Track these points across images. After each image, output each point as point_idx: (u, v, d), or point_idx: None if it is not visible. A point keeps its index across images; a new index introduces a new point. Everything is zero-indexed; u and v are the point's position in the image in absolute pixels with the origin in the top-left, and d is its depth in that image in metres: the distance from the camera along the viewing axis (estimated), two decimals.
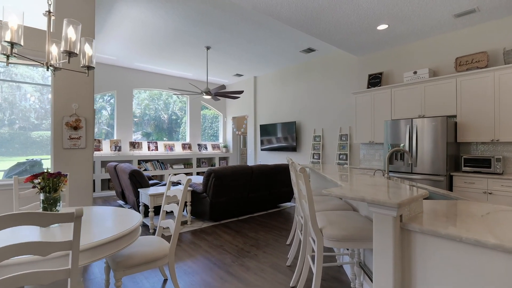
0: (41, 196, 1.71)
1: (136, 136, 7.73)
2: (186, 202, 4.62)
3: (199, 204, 4.29)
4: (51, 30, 3.15)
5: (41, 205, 1.70)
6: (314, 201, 2.02)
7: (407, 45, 4.88)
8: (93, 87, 3.19)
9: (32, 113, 5.85)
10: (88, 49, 2.00)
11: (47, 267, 1.25)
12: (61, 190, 1.77)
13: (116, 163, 5.15)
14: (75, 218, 1.13)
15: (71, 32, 1.75)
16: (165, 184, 4.66)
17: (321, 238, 1.70)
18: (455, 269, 1.14)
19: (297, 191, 2.26)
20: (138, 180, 4.25)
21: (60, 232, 1.55)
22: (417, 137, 4.10)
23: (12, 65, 5.89)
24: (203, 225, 4.09)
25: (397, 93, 4.70)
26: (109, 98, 7.20)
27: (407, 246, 1.31)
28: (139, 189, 4.14)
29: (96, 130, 7.04)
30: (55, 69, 2.00)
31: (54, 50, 2.11)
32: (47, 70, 1.84)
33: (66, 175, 1.76)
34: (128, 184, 4.38)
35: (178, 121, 8.55)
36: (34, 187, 1.72)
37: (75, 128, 3.04)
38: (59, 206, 1.76)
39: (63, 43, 1.73)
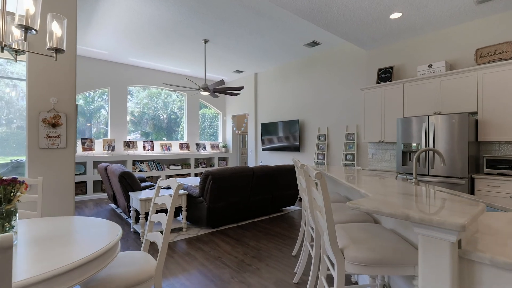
0: None
1: (135, 136, 7.38)
2: (181, 207, 4.27)
3: (195, 209, 3.93)
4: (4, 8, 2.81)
5: None
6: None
7: (422, 36, 4.52)
8: (75, 79, 2.84)
9: None
10: (56, 29, 1.65)
11: None
12: (18, 201, 1.43)
13: (107, 164, 4.80)
14: (0, 250, 0.78)
15: (28, 2, 1.40)
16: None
17: (343, 262, 1.35)
18: None
19: (307, 199, 1.91)
20: (129, 182, 3.90)
21: (25, 254, 1.19)
22: (434, 135, 3.74)
23: (9, 63, 5.60)
24: (200, 232, 3.74)
25: (410, 89, 4.35)
26: (107, 97, 6.83)
27: (469, 283, 0.96)
28: (129, 193, 3.79)
29: (94, 129, 6.70)
30: (17, 52, 1.65)
31: (17, 32, 1.77)
32: (2, 51, 1.49)
33: (23, 181, 1.41)
34: (118, 187, 4.03)
35: (178, 120, 8.20)
36: None
37: (54, 125, 2.69)
38: (15, 220, 1.41)
39: (17, 16, 1.38)
